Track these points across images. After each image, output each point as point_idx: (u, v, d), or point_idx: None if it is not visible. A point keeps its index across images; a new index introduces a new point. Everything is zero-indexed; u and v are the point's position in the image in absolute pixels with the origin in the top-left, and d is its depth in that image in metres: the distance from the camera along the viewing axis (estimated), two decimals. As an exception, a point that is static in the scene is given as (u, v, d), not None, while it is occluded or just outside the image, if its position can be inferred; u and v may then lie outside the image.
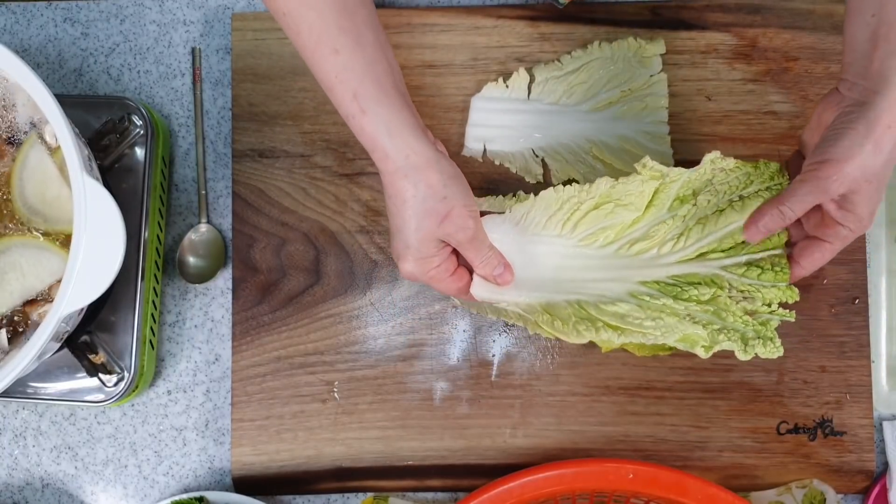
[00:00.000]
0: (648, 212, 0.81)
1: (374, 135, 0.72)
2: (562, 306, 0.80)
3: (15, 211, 0.76)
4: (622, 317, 0.77)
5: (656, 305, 0.78)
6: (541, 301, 0.81)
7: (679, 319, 0.77)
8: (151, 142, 0.87)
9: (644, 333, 0.76)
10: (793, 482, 0.86)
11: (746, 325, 0.78)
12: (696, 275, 0.80)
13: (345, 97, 0.71)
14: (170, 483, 0.90)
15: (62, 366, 0.85)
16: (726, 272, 0.80)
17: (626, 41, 0.89)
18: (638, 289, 0.80)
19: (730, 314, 0.78)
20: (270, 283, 0.90)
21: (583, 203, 0.80)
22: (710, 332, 0.76)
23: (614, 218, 0.80)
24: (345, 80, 0.70)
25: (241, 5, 0.94)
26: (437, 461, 0.88)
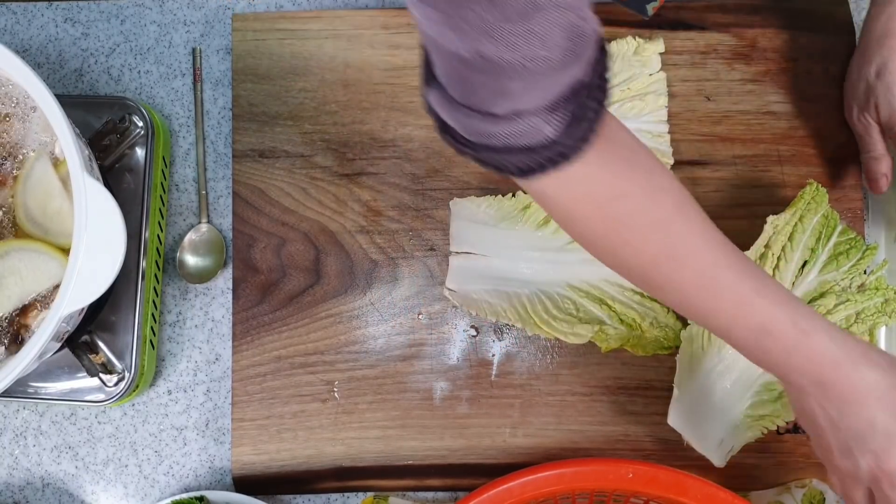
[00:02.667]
0: None
1: (821, 349, 0.64)
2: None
3: (17, 221, 0.76)
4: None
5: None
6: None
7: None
8: (152, 142, 0.87)
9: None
10: (792, 482, 0.86)
11: None
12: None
13: (785, 330, 0.63)
14: (170, 482, 0.90)
15: (63, 365, 0.85)
16: None
17: (625, 40, 0.90)
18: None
19: None
20: (271, 283, 0.90)
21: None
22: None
23: None
24: (777, 315, 0.63)
25: (242, 6, 0.94)
26: (437, 461, 0.89)
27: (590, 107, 0.54)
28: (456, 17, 0.47)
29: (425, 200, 0.91)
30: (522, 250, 0.87)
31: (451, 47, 0.50)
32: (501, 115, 0.53)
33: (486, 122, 0.53)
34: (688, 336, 0.85)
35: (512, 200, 0.89)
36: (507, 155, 0.55)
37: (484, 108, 0.53)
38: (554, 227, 0.88)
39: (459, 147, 0.57)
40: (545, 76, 0.51)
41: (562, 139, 0.54)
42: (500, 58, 0.49)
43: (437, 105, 0.56)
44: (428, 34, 0.51)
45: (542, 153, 0.55)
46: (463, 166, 0.91)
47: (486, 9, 0.46)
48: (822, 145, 0.90)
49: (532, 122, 0.53)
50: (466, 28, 0.48)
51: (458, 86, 0.53)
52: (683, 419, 0.85)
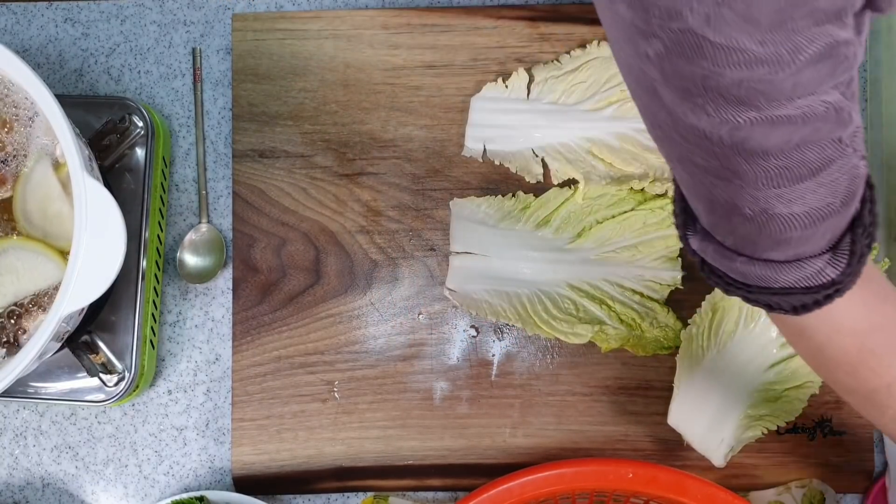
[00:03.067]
0: None
1: None
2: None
3: (16, 224, 0.76)
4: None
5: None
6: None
7: None
8: (152, 142, 0.87)
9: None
10: (792, 482, 0.86)
11: None
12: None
13: None
14: (170, 482, 0.90)
15: (63, 365, 0.85)
16: None
17: (625, 41, 0.89)
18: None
19: None
20: (271, 283, 0.90)
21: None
22: None
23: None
24: None
25: (242, 6, 0.94)
26: (437, 461, 0.89)
27: (864, 242, 0.54)
28: (737, 182, 0.48)
29: (425, 200, 0.91)
30: (522, 250, 0.87)
31: (726, 203, 0.50)
32: (783, 260, 0.53)
33: (767, 268, 0.54)
34: (688, 336, 0.85)
35: (512, 200, 0.89)
36: (783, 296, 0.55)
37: (762, 255, 0.53)
38: (554, 227, 0.88)
39: (727, 287, 0.57)
40: (827, 221, 0.51)
41: (841, 277, 0.54)
42: (789, 213, 0.49)
43: (704, 251, 0.56)
44: (692, 189, 0.52)
45: (821, 292, 0.55)
46: (463, 166, 0.91)
47: (779, 173, 0.46)
48: (822, 145, 0.90)
49: (816, 266, 0.53)
50: (752, 192, 0.48)
51: (731, 236, 0.53)
52: (683, 419, 0.85)
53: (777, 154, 0.46)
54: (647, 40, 0.42)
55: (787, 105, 0.43)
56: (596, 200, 0.87)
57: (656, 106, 0.46)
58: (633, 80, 0.47)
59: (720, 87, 0.42)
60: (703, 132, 0.45)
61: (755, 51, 0.40)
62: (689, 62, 0.42)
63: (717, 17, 0.39)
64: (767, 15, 0.39)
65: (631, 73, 0.47)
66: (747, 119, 0.43)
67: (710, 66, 0.41)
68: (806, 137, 0.45)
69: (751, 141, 0.45)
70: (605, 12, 0.44)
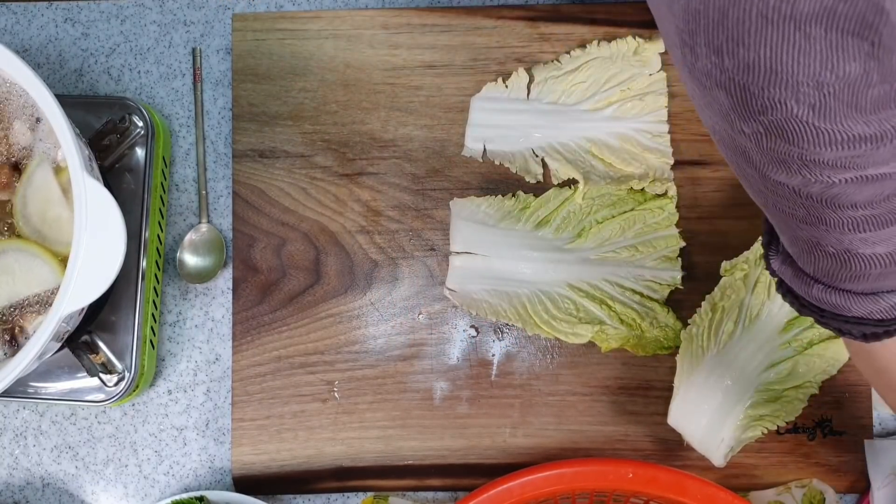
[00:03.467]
0: None
1: None
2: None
3: (15, 226, 0.76)
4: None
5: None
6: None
7: None
8: (152, 142, 0.87)
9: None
10: (792, 482, 0.86)
11: None
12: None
13: None
14: (170, 482, 0.90)
15: (63, 365, 0.85)
16: None
17: (625, 40, 0.90)
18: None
19: None
20: (271, 283, 0.90)
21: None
22: None
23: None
24: None
25: (242, 6, 0.94)
26: (436, 461, 0.89)
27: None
28: (823, 229, 0.49)
29: (425, 200, 0.91)
30: (522, 250, 0.87)
31: (808, 240, 0.51)
32: (860, 292, 0.54)
33: (842, 297, 0.55)
34: (688, 336, 0.85)
35: (512, 200, 0.89)
36: (855, 325, 0.57)
37: (842, 286, 0.54)
38: (554, 226, 0.88)
39: (801, 309, 0.58)
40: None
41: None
42: (870, 254, 0.50)
43: (785, 275, 0.57)
44: (775, 221, 0.53)
45: (893, 325, 0.56)
46: (463, 166, 0.91)
47: (866, 220, 0.47)
48: (822, 145, 0.90)
49: (892, 301, 0.54)
50: (838, 236, 0.49)
51: (812, 265, 0.54)
52: (683, 419, 0.85)
53: (867, 205, 0.46)
54: (745, 122, 0.42)
55: (880, 168, 0.44)
56: (596, 200, 0.87)
57: (744, 163, 0.47)
58: (720, 140, 0.47)
59: (820, 160, 0.43)
60: (793, 189, 0.46)
61: (860, 131, 0.41)
62: (788, 143, 0.42)
63: (824, 105, 0.40)
64: (873, 99, 0.40)
65: (717, 134, 0.47)
66: (842, 179, 0.44)
67: (811, 147, 0.42)
68: (895, 190, 0.46)
69: (842, 197, 0.46)
70: (696, 90, 0.44)
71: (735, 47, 0.39)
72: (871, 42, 0.37)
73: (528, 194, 0.89)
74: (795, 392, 0.85)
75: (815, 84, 0.39)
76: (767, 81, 0.39)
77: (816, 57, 0.38)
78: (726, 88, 0.41)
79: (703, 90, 0.43)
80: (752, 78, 0.40)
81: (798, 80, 0.39)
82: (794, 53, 0.38)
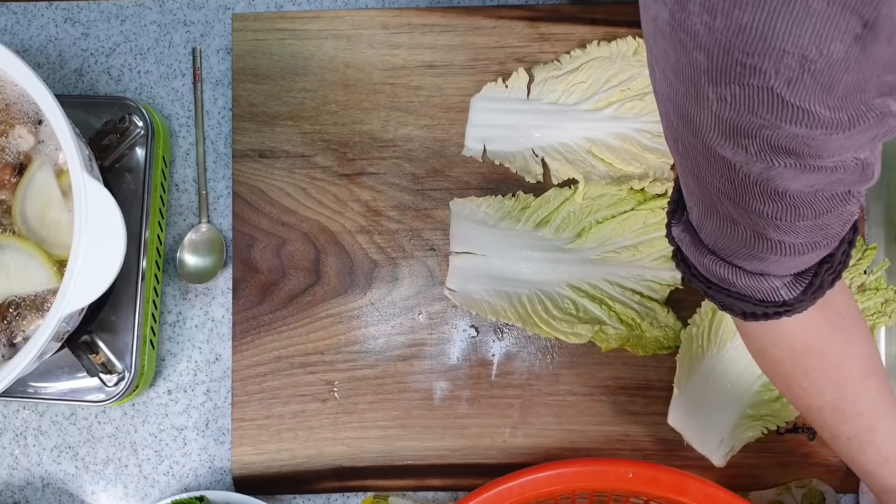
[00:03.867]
0: None
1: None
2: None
3: (14, 225, 0.76)
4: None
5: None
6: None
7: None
8: (152, 142, 0.87)
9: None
10: (792, 482, 0.86)
11: None
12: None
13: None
14: (170, 482, 0.90)
15: (63, 365, 0.85)
16: None
17: (625, 40, 0.90)
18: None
19: None
20: (271, 283, 0.90)
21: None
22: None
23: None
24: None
25: (242, 6, 0.94)
26: (436, 461, 0.89)
27: (828, 279, 0.58)
28: (743, 206, 0.50)
29: (425, 200, 0.91)
30: (522, 250, 0.87)
31: (724, 215, 0.52)
32: (748, 271, 0.56)
33: (732, 272, 0.57)
34: (688, 336, 0.85)
35: (512, 200, 0.89)
36: (736, 300, 0.59)
37: (734, 261, 0.57)
38: (554, 227, 0.88)
39: (691, 279, 0.61)
40: (807, 255, 0.54)
41: (793, 302, 0.58)
42: (778, 240, 0.52)
43: (683, 242, 0.59)
44: (695, 195, 0.54)
45: (770, 307, 0.58)
46: (463, 166, 0.91)
47: (786, 211, 0.49)
48: (822, 145, 0.90)
49: (774, 284, 0.57)
50: (754, 216, 0.50)
51: (714, 237, 0.56)
52: (683, 419, 0.85)
53: (794, 195, 0.48)
54: (715, 87, 0.43)
55: (825, 160, 0.45)
56: (596, 200, 0.87)
57: (689, 133, 0.48)
58: (672, 108, 0.48)
59: (773, 137, 0.44)
60: (732, 164, 0.47)
61: (822, 114, 0.42)
62: (752, 113, 0.43)
63: (799, 82, 0.41)
64: (844, 86, 0.41)
65: (670, 101, 0.48)
66: (784, 163, 0.45)
67: (773, 120, 0.43)
68: (826, 186, 0.48)
69: (777, 181, 0.47)
70: (670, 52, 0.44)
71: (731, 8, 0.39)
72: (865, 22, 0.38)
73: (528, 194, 0.89)
74: None
75: (799, 57, 0.40)
76: (754, 47, 0.40)
77: (809, 29, 0.38)
78: (708, 50, 0.41)
79: (679, 51, 0.43)
80: (740, 41, 0.40)
81: (785, 49, 0.39)
82: (789, 21, 0.39)
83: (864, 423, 0.66)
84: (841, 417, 0.66)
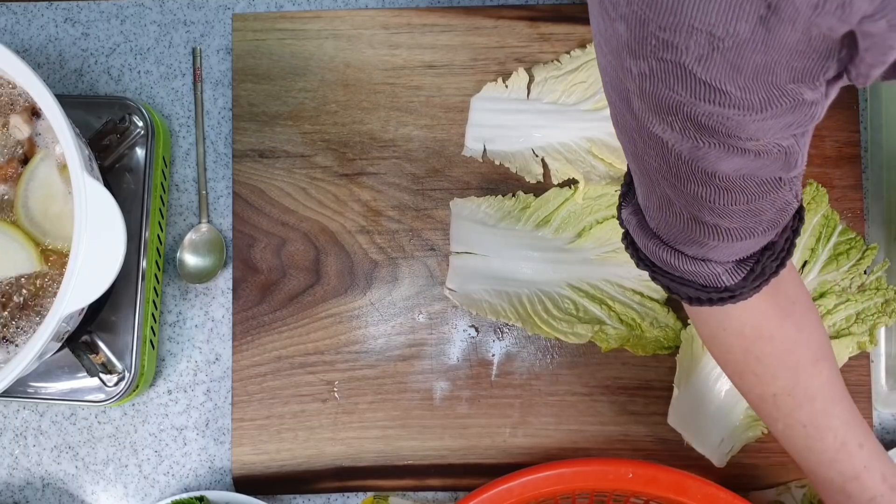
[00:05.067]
0: None
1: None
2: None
3: (16, 217, 0.76)
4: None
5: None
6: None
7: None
8: (152, 142, 0.87)
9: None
10: (792, 482, 0.86)
11: None
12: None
13: (874, 483, 0.67)
14: (170, 482, 0.90)
15: (63, 365, 0.85)
16: None
17: (625, 41, 0.89)
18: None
19: None
20: (271, 283, 0.90)
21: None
22: None
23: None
24: (872, 466, 0.67)
25: (242, 6, 0.94)
26: (436, 461, 0.89)
27: (771, 266, 0.58)
28: (679, 187, 0.51)
29: (425, 200, 0.91)
30: (522, 250, 0.87)
31: (663, 197, 0.53)
32: (690, 255, 0.57)
33: (674, 256, 0.58)
34: (688, 336, 0.85)
35: (512, 200, 0.89)
36: (680, 285, 0.60)
37: (676, 245, 0.57)
38: (554, 227, 0.88)
39: (638, 262, 0.62)
40: (746, 241, 0.55)
41: (735, 288, 0.59)
42: (713, 224, 0.53)
43: (630, 224, 0.61)
44: (638, 175, 0.55)
45: (713, 293, 0.59)
46: (463, 166, 0.91)
47: (718, 195, 0.50)
48: (822, 145, 0.90)
49: (716, 270, 0.58)
50: (689, 198, 0.51)
51: (656, 220, 0.57)
52: (683, 419, 0.85)
53: (724, 178, 0.49)
54: (635, 59, 0.44)
55: (745, 142, 0.46)
56: (596, 200, 0.87)
57: (625, 109, 0.49)
58: (609, 82, 0.49)
59: (692, 114, 0.45)
60: (664, 143, 0.48)
61: (733, 94, 0.43)
62: (669, 88, 0.44)
63: (710, 59, 0.41)
64: (753, 67, 0.42)
65: (607, 75, 0.49)
66: (708, 143, 0.46)
67: (688, 97, 0.44)
68: (754, 171, 0.49)
69: (705, 161, 0.48)
70: (600, 22, 0.45)
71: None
72: (769, 4, 0.38)
73: (528, 194, 0.89)
74: None
75: (707, 34, 0.40)
76: (667, 21, 0.40)
77: (716, 7, 0.39)
78: (628, 21, 0.42)
79: (606, 21, 0.44)
80: (653, 14, 0.41)
81: (694, 26, 0.40)
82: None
83: (819, 408, 0.66)
84: (796, 403, 0.66)
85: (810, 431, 0.67)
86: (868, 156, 0.91)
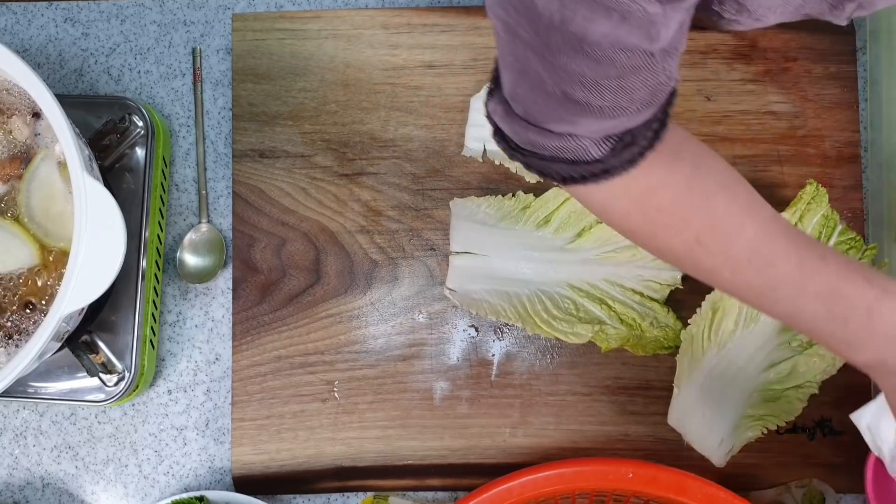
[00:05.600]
0: None
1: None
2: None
3: (19, 215, 0.76)
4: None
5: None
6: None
7: None
8: (152, 142, 0.87)
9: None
10: (792, 482, 0.86)
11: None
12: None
13: (861, 291, 0.59)
14: (170, 482, 0.90)
15: (63, 365, 0.85)
16: None
17: (625, 41, 0.90)
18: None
19: None
20: (270, 283, 0.90)
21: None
22: None
23: None
24: (849, 275, 0.59)
25: (242, 6, 0.94)
26: (436, 461, 0.89)
27: (643, 136, 0.57)
28: (551, 61, 0.50)
29: (425, 200, 0.91)
30: (522, 250, 0.87)
31: (535, 76, 0.53)
32: (556, 132, 0.56)
33: (540, 135, 0.57)
34: (688, 336, 0.85)
35: (512, 200, 0.89)
36: (552, 163, 0.58)
37: (542, 124, 0.56)
38: (554, 227, 0.88)
39: (510, 152, 0.60)
40: (616, 119, 0.54)
41: (607, 160, 0.57)
42: (585, 101, 0.52)
43: (496, 114, 0.60)
44: (508, 58, 0.54)
45: (585, 168, 0.58)
46: (463, 166, 0.91)
47: (589, 66, 0.49)
48: (822, 145, 0.91)
49: (583, 144, 0.56)
50: (561, 73, 0.51)
51: (524, 105, 0.56)
52: (683, 419, 0.85)
53: (593, 45, 0.48)
54: None
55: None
56: (596, 200, 0.87)
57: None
58: None
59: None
60: (538, 12, 0.48)
61: None
62: None
63: None
64: None
65: None
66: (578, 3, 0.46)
67: None
68: (620, 39, 0.48)
69: (574, 24, 0.47)
70: None
71: None
72: None
73: (528, 194, 0.89)
74: (795, 392, 0.85)
75: None
76: None
77: None
78: None
79: None
80: None
81: None
82: None
83: (753, 234, 0.60)
84: (725, 239, 0.60)
85: (759, 262, 0.60)
86: (868, 156, 0.91)
